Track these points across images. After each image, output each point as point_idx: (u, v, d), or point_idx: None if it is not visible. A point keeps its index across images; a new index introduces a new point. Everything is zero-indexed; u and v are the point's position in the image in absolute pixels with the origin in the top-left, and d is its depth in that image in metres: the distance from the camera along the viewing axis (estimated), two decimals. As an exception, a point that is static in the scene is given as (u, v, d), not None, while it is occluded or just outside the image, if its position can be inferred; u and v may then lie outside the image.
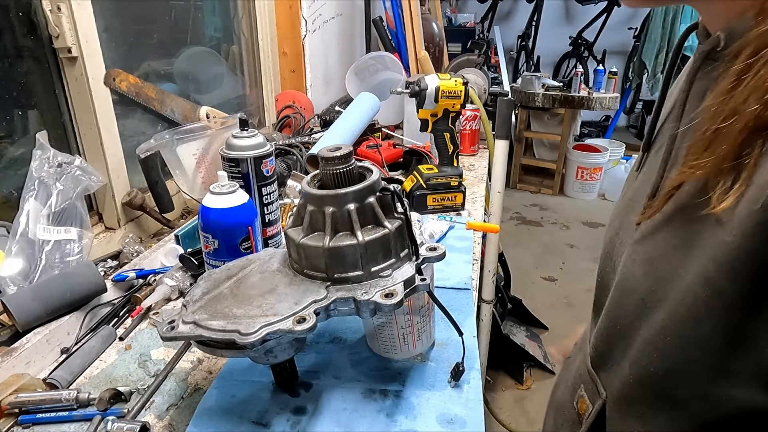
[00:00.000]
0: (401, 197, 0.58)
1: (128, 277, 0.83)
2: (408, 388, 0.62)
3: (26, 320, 0.68)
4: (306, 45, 1.91)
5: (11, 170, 0.90)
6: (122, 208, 1.04)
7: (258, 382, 0.63)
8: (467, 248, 0.98)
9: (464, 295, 0.82)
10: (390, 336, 0.64)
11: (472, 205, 1.24)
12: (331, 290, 0.55)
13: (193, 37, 1.37)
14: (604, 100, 3.71)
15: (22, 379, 0.61)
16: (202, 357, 0.70)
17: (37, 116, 0.94)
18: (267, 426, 0.57)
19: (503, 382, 2.11)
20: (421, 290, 0.57)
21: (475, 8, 5.20)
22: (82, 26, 0.91)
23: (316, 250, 0.55)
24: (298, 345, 0.58)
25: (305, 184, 0.58)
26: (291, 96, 1.77)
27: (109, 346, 0.72)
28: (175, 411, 0.60)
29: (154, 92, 1.17)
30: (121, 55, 1.09)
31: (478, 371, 0.64)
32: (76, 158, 0.91)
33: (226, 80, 1.55)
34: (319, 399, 0.60)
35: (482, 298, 1.60)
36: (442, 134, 1.16)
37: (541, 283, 2.87)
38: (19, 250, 0.80)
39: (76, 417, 0.59)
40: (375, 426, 0.56)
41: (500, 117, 1.36)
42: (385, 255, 0.56)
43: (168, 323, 0.54)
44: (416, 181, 1.17)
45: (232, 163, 0.80)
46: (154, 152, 1.04)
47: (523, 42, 5.11)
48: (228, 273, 0.61)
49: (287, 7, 1.82)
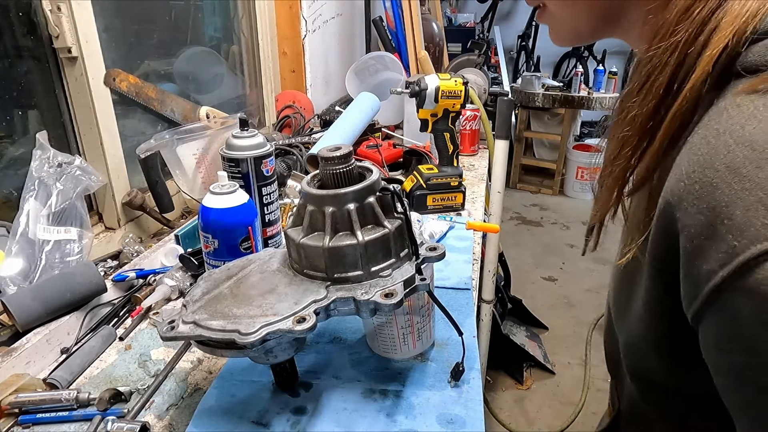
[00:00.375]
0: (401, 197, 0.58)
1: (128, 277, 0.83)
2: (408, 388, 0.62)
3: (26, 320, 0.68)
4: (306, 45, 1.91)
5: (11, 170, 0.90)
6: (122, 208, 1.04)
7: (258, 382, 0.63)
8: (467, 248, 0.98)
9: (464, 295, 0.82)
10: (390, 336, 0.64)
11: (472, 205, 1.24)
12: (331, 290, 0.55)
13: (193, 37, 1.37)
14: (604, 100, 3.71)
15: (22, 379, 0.61)
16: (202, 357, 0.70)
17: (37, 116, 0.94)
18: (267, 426, 0.57)
19: (503, 382, 2.11)
20: (421, 290, 0.57)
21: (475, 8, 5.20)
22: (82, 26, 0.91)
23: (316, 250, 0.55)
24: (298, 345, 0.58)
25: (305, 184, 0.58)
26: (291, 96, 1.78)
27: (109, 346, 0.72)
28: (175, 411, 0.60)
29: (154, 92, 1.17)
30: (121, 55, 1.09)
31: (478, 371, 0.64)
32: (76, 158, 0.91)
33: (226, 80, 1.55)
34: (319, 399, 0.60)
35: (482, 298, 1.60)
36: (442, 134, 1.16)
37: (541, 283, 2.87)
38: (19, 250, 0.80)
39: (76, 417, 0.59)
40: (375, 426, 0.56)
41: (500, 117, 1.36)
42: (385, 255, 0.56)
43: (168, 323, 0.54)
44: (416, 181, 1.17)
45: (232, 163, 0.80)
46: (154, 152, 1.04)
47: (523, 42, 5.11)
48: (228, 273, 0.61)
49: (287, 7, 1.82)
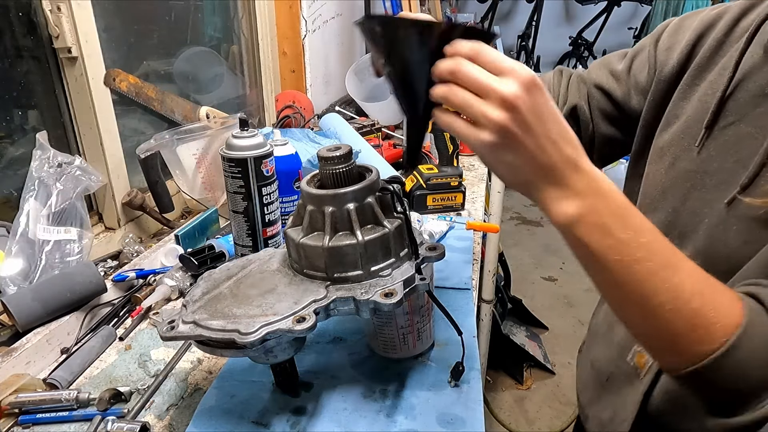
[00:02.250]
0: (401, 197, 0.58)
1: (128, 277, 0.83)
2: (408, 388, 0.62)
3: (26, 320, 0.68)
4: (306, 45, 1.91)
5: (11, 170, 0.90)
6: (122, 208, 1.04)
7: (258, 382, 0.63)
8: (467, 248, 0.98)
9: (464, 295, 0.82)
10: (390, 336, 0.64)
11: (472, 205, 1.24)
12: (331, 290, 0.55)
13: (193, 37, 1.37)
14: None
15: (22, 379, 0.61)
16: (202, 357, 0.70)
17: (37, 116, 0.94)
18: (267, 426, 0.57)
19: (503, 382, 2.11)
20: (421, 290, 0.57)
21: (475, 8, 5.20)
22: (82, 26, 0.91)
23: (316, 249, 0.55)
24: (298, 345, 0.58)
25: (305, 184, 0.58)
26: (291, 96, 1.78)
27: (109, 346, 0.72)
28: (175, 411, 0.60)
29: (154, 92, 1.17)
30: (121, 55, 1.09)
31: (478, 371, 0.64)
32: (76, 158, 0.91)
33: (226, 80, 1.55)
34: (318, 399, 0.60)
35: (482, 298, 1.60)
36: (442, 134, 1.16)
37: (541, 283, 2.87)
38: (19, 250, 0.80)
39: (76, 417, 0.59)
40: (375, 426, 0.56)
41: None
42: (385, 254, 0.56)
43: (168, 323, 0.54)
44: (416, 181, 1.17)
45: (232, 163, 0.80)
46: (154, 152, 1.04)
47: (523, 42, 5.11)
48: (228, 273, 0.61)
49: (287, 7, 1.82)
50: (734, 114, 0.53)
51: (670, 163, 0.58)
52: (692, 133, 0.56)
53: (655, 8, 4.04)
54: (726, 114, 0.53)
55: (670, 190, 0.58)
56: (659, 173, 0.60)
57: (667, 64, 0.62)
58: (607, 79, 0.70)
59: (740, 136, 0.51)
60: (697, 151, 0.55)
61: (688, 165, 0.56)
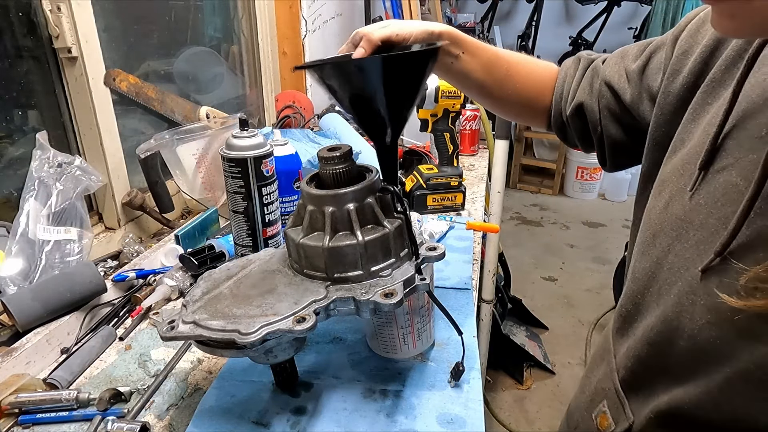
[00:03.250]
0: (401, 197, 0.58)
1: (128, 277, 0.83)
2: (408, 388, 0.62)
3: (26, 320, 0.68)
4: (306, 45, 1.91)
5: (11, 170, 0.90)
6: (122, 208, 1.04)
7: (258, 382, 0.63)
8: (467, 248, 0.98)
9: (464, 295, 0.82)
10: (390, 336, 0.64)
11: (472, 205, 1.24)
12: (331, 290, 0.55)
13: (193, 37, 1.37)
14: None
15: (22, 379, 0.61)
16: (202, 357, 0.70)
17: (37, 116, 0.94)
18: (267, 426, 0.57)
19: (503, 382, 2.11)
20: (421, 290, 0.57)
21: (475, 8, 5.19)
22: (82, 26, 0.91)
23: (316, 249, 0.55)
24: (298, 345, 0.58)
25: (305, 184, 0.58)
26: (291, 96, 1.78)
27: (109, 346, 0.72)
28: (175, 411, 0.60)
29: (154, 92, 1.17)
30: (121, 55, 1.09)
31: (478, 371, 0.64)
32: (76, 158, 0.91)
33: (226, 80, 1.55)
34: (319, 399, 0.60)
35: (482, 298, 1.60)
36: (442, 134, 1.16)
37: (541, 283, 2.87)
38: (19, 250, 0.80)
39: (76, 417, 0.59)
40: (375, 426, 0.56)
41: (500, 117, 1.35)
42: (385, 255, 0.56)
43: (168, 323, 0.54)
44: (416, 181, 1.17)
45: (231, 163, 0.80)
46: (154, 152, 1.05)
47: (523, 42, 5.11)
48: (228, 273, 0.61)
49: (287, 7, 1.82)
50: (730, 156, 0.41)
51: (665, 204, 0.47)
52: (689, 171, 0.45)
53: (655, 8, 4.05)
54: (723, 154, 0.42)
55: (659, 235, 0.47)
56: (655, 211, 0.49)
57: (680, 73, 0.51)
58: (619, 78, 0.61)
59: (728, 187, 0.40)
60: (690, 196, 0.44)
61: (679, 210, 0.45)
